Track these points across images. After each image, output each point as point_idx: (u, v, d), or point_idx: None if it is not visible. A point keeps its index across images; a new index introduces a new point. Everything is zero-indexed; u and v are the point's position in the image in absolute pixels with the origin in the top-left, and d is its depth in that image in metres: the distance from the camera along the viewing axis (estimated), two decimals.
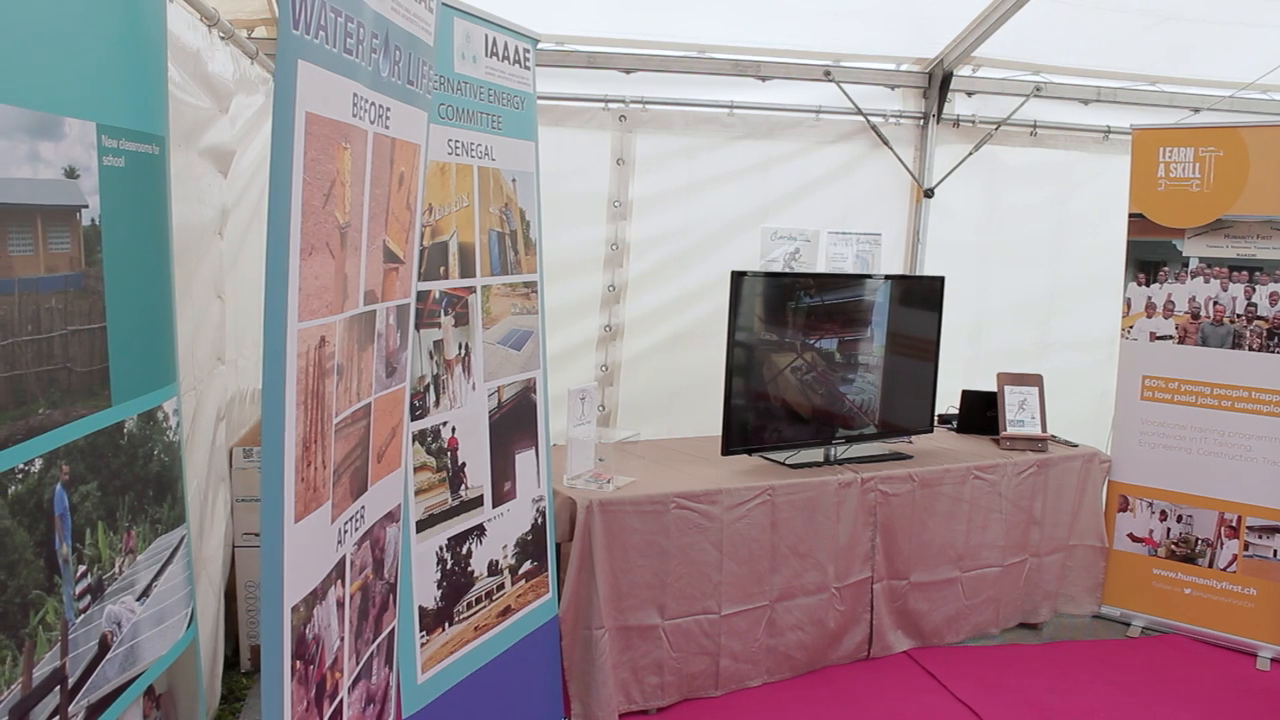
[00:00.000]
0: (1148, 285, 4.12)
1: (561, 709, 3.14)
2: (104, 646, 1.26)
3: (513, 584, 2.87)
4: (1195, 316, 3.99)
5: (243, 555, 3.43)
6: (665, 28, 4.42)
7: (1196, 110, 4.82)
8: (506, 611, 2.85)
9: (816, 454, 3.76)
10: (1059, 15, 4.27)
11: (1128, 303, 4.20)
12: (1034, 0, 4.01)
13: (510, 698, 2.90)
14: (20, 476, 1.06)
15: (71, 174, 1.17)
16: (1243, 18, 4.26)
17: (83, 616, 1.21)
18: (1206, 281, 3.96)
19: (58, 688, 1.13)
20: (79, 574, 1.20)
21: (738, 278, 3.53)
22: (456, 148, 2.59)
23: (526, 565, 2.92)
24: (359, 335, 1.94)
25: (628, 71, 4.50)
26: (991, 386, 4.37)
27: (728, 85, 4.60)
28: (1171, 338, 4.05)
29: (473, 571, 2.69)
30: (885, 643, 3.77)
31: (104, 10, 1.24)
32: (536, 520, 2.96)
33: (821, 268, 4.74)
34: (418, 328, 2.37)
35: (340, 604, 1.94)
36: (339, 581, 1.93)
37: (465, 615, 2.67)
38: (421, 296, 2.49)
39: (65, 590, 1.16)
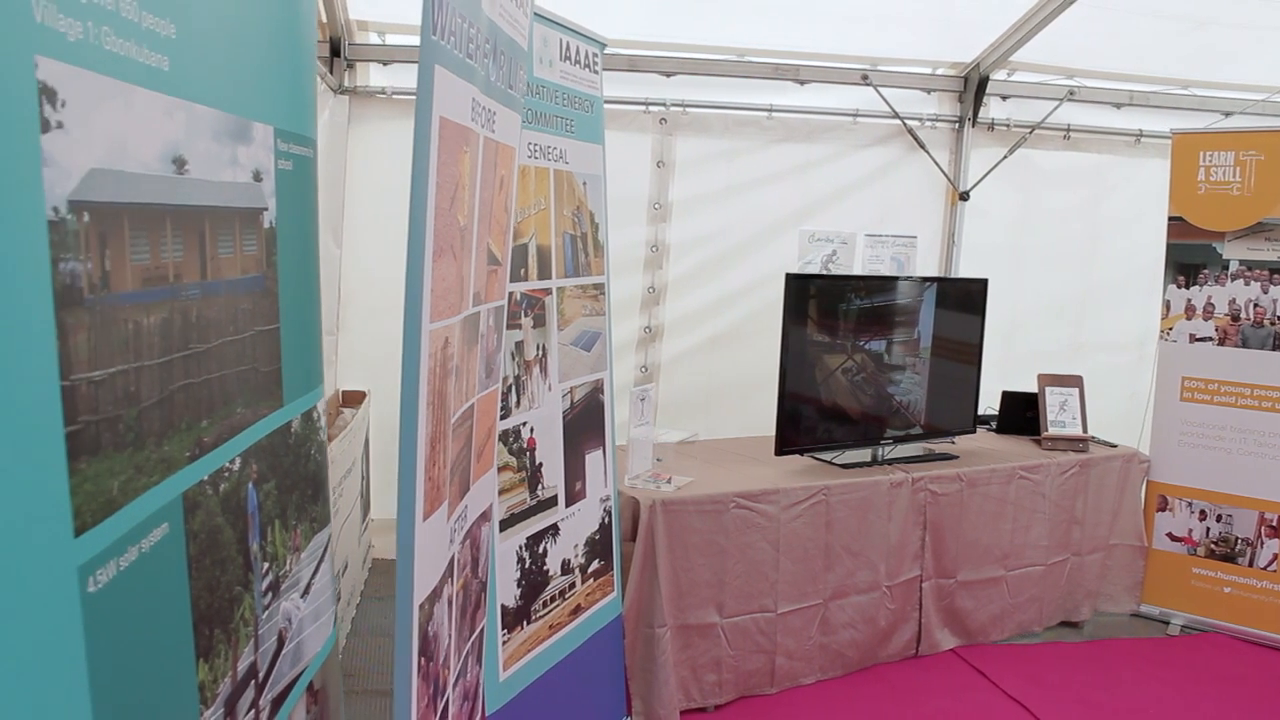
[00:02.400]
0: (1187, 288, 4.17)
1: (624, 707, 3.17)
2: (280, 642, 1.29)
3: (582, 582, 2.89)
4: (1235, 319, 4.04)
5: None
6: (705, 32, 4.46)
7: (1228, 114, 4.87)
8: (577, 610, 2.88)
9: (864, 454, 3.80)
10: (1095, 20, 4.31)
11: (1167, 305, 4.24)
12: (1071, 5, 4.06)
13: (578, 695, 2.92)
14: (227, 475, 1.09)
15: (257, 177, 1.20)
16: (1276, 22, 4.31)
17: (267, 612, 1.24)
18: (1247, 284, 4.01)
19: (252, 682, 1.16)
20: (264, 571, 1.23)
21: (792, 280, 3.56)
22: (535, 151, 2.62)
23: (595, 564, 2.95)
24: (469, 336, 1.97)
25: (668, 75, 4.54)
26: (1026, 387, 4.42)
27: (767, 89, 4.64)
28: (1211, 339, 4.09)
29: (548, 570, 2.72)
30: (933, 641, 3.81)
31: (273, 13, 1.27)
32: (604, 519, 2.99)
33: (858, 270, 4.77)
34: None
35: (450, 602, 1.97)
36: (449, 580, 1.96)
37: (541, 614, 2.70)
38: None
39: (255, 587, 1.19)
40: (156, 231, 0.91)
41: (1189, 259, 4.16)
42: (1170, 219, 4.21)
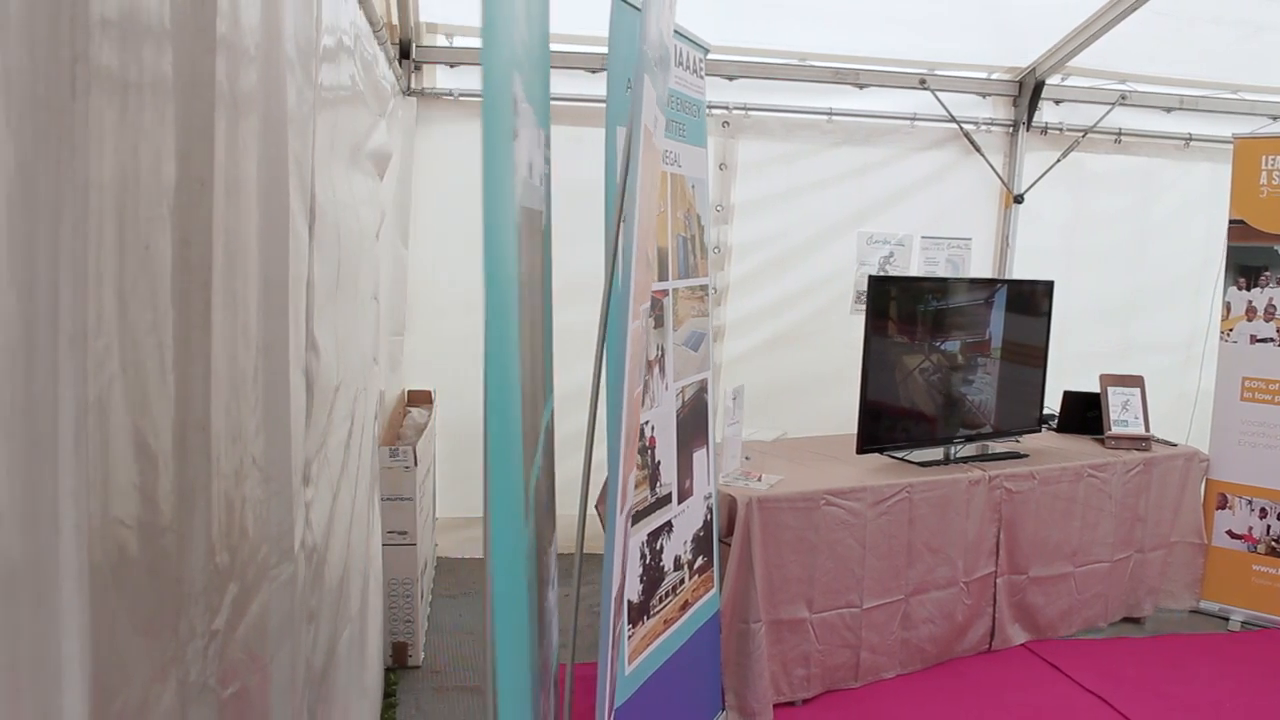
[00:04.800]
0: (1248, 290, 4.25)
1: (719, 700, 3.21)
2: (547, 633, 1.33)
3: (689, 578, 2.94)
4: None
5: (388, 553, 3.47)
6: (768, 36, 4.51)
7: (1275, 118, 4.96)
8: (685, 605, 2.92)
9: (936, 452, 3.86)
10: (1154, 25, 4.38)
11: (1227, 306, 4.32)
12: (1135, 11, 4.12)
13: (684, 689, 2.97)
14: (537, 470, 1.13)
15: (544, 181, 1.24)
16: None
17: (545, 605, 1.29)
18: None
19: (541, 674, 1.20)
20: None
21: (874, 282, 3.62)
22: None
23: (700, 560, 2.99)
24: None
25: (731, 78, 4.59)
26: (1076, 386, 4.49)
27: (827, 92, 4.70)
28: (1272, 340, 4.17)
29: (664, 566, 2.76)
30: (1005, 636, 3.87)
31: (531, 11, 1.31)
32: (706, 516, 3.04)
33: (914, 272, 4.84)
34: None
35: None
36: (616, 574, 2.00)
37: (657, 609, 2.74)
38: None
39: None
40: (525, 234, 0.95)
41: (1250, 261, 4.24)
42: (1231, 222, 4.29)
